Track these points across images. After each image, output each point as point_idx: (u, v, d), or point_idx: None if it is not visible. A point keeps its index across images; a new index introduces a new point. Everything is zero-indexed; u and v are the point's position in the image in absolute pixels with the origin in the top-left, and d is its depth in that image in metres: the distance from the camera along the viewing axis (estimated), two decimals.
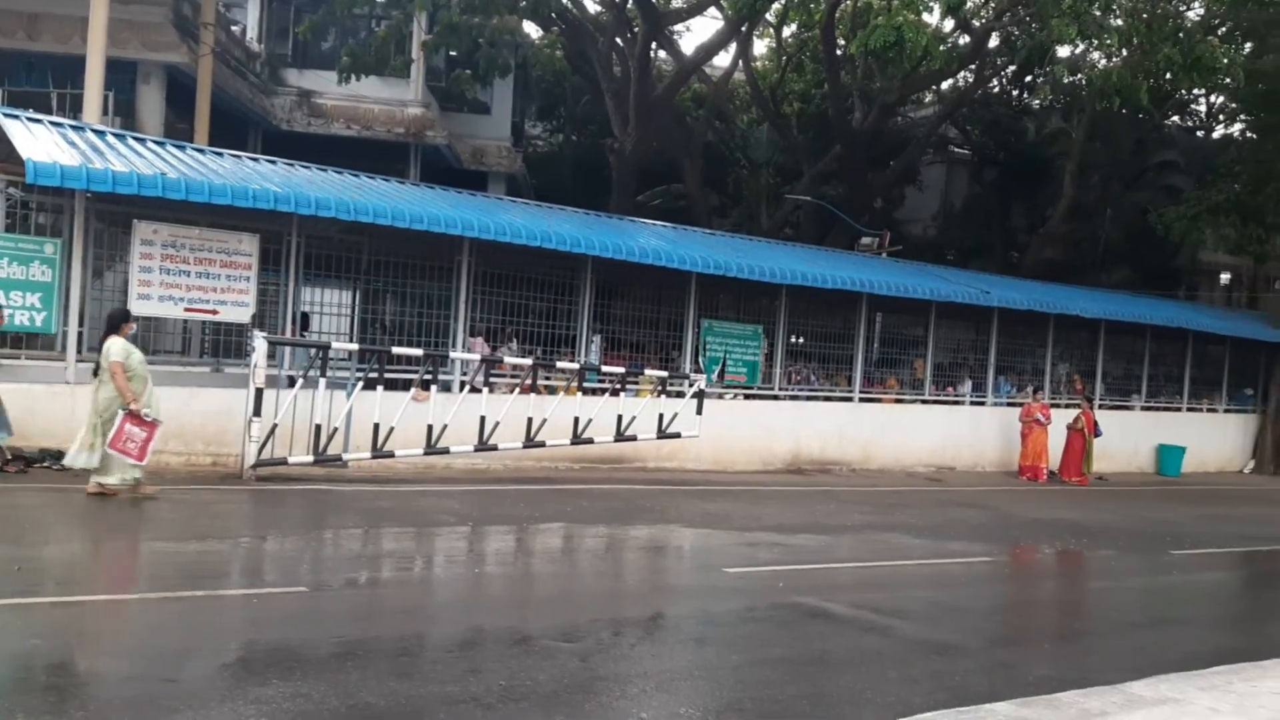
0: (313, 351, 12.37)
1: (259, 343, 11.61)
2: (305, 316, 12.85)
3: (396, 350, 12.99)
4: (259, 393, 11.49)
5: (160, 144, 13.47)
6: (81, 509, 9.47)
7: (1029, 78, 29.75)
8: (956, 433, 19.34)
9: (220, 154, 13.98)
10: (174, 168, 12.03)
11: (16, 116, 12.20)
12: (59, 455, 10.62)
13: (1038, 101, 32.04)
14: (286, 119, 23.77)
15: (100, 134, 12.90)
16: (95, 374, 9.95)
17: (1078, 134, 28.79)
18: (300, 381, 11.92)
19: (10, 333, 11.74)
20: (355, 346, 13.11)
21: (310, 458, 11.87)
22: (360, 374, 12.92)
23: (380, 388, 12.36)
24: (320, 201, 12.51)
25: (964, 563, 10.47)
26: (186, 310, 12.52)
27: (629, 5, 24.63)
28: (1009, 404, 20.16)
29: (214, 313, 12.64)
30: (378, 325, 14.86)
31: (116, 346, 9.81)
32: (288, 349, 13.05)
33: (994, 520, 13.73)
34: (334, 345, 12.57)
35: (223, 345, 13.61)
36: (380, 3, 22.06)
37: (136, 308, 12.04)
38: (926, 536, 11.81)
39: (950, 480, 17.64)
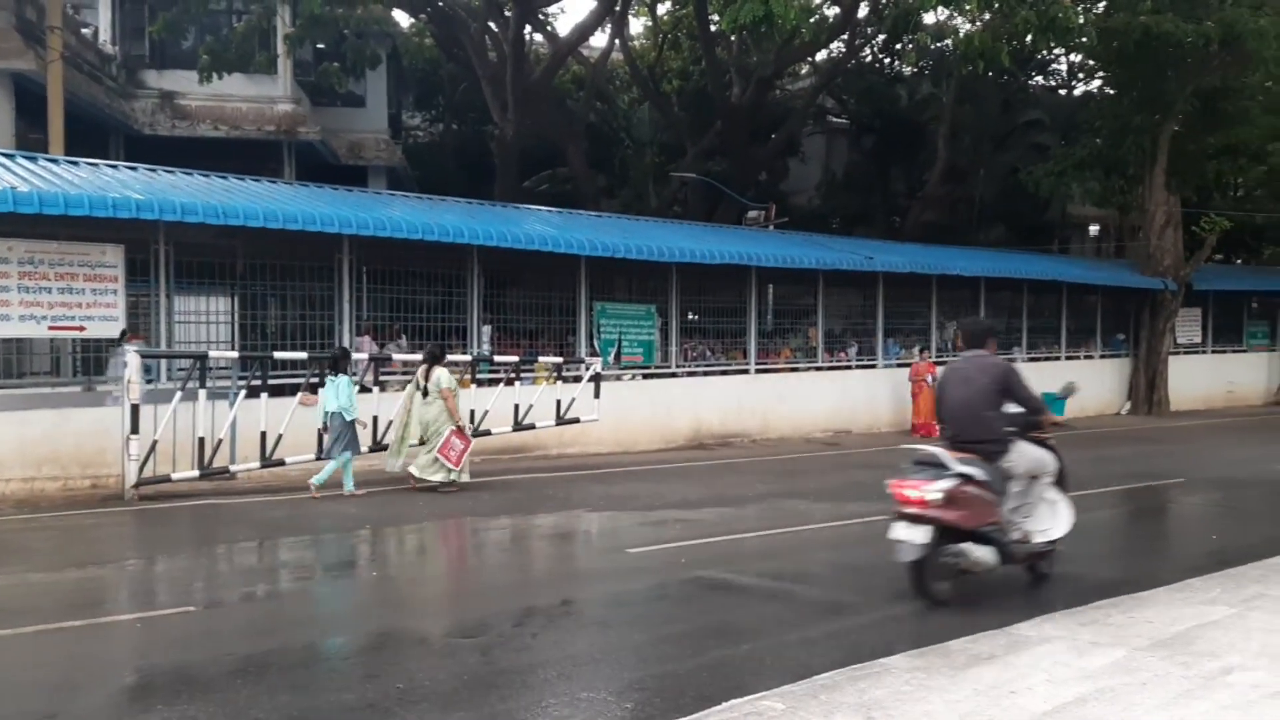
0: (190, 362, 11.94)
1: (131, 357, 11.15)
2: (124, 333, 12.17)
3: (279, 355, 12.63)
4: (135, 409, 11.05)
5: (9, 156, 12.79)
6: None
7: (898, 45, 30.45)
8: (850, 397, 19.80)
9: (76, 163, 13.34)
10: (25, 180, 11.43)
11: None
12: None
13: (908, 68, 32.84)
14: (149, 123, 22.76)
15: None
16: (425, 395, 12.17)
17: (947, 98, 29.65)
18: (179, 394, 11.49)
19: None
20: (235, 354, 12.69)
21: (195, 472, 11.48)
22: (243, 382, 12.52)
23: (265, 395, 12.01)
24: (187, 207, 12.04)
25: (863, 523, 10.71)
26: (51, 329, 11.91)
27: None
28: (899, 365, 20.71)
29: (81, 329, 12.06)
30: (259, 331, 14.42)
31: (446, 376, 12.25)
32: (163, 361, 12.57)
33: (889, 479, 14.06)
34: (212, 354, 12.15)
35: (94, 362, 13.01)
36: None
37: None
38: (826, 500, 12.07)
39: (847, 443, 18.06)
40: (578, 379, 15.26)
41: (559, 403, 14.66)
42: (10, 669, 5.94)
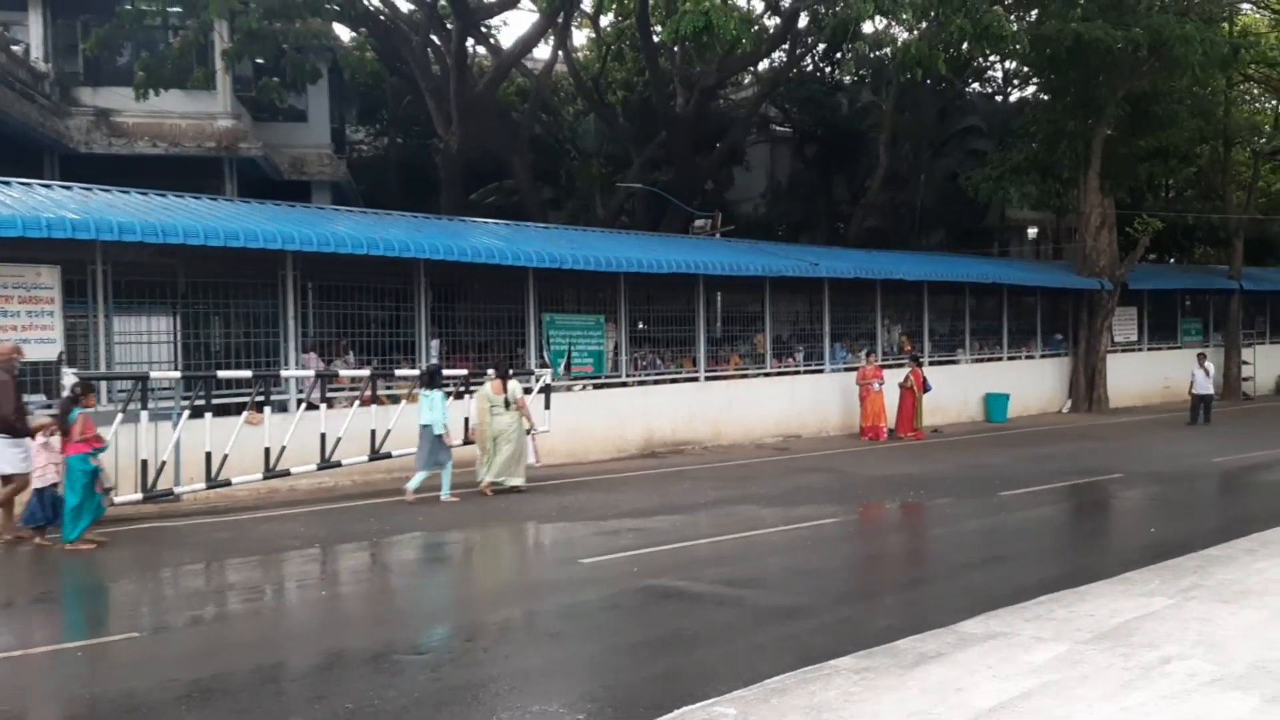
0: (131, 383, 11.72)
1: (69, 379, 10.91)
2: (61, 355, 11.90)
3: (223, 374, 12.45)
4: None
5: None
6: None
7: (838, 55, 30.87)
8: (799, 402, 19.99)
9: (8, 183, 13.02)
10: None
11: None
12: None
13: (848, 77, 33.31)
14: (84, 141, 22.28)
15: None
16: (506, 406, 12.93)
17: (887, 106, 30.10)
18: (120, 416, 11.27)
19: None
20: (177, 374, 12.49)
21: (139, 495, 11.26)
22: (186, 402, 12.32)
23: (209, 414, 11.83)
24: (124, 226, 11.82)
25: (812, 525, 10.84)
26: None
27: (440, 3, 24.24)
28: (846, 369, 20.96)
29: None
30: (202, 350, 14.19)
31: (518, 387, 13.19)
32: (104, 384, 12.31)
33: (839, 482, 14.27)
34: (153, 375, 11.94)
35: (31, 386, 12.68)
36: (173, 12, 20.92)
37: None
38: (776, 505, 12.18)
39: (797, 448, 18.23)
40: (528, 391, 15.21)
41: None
42: None
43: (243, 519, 11.32)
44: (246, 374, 12.65)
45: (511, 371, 13.75)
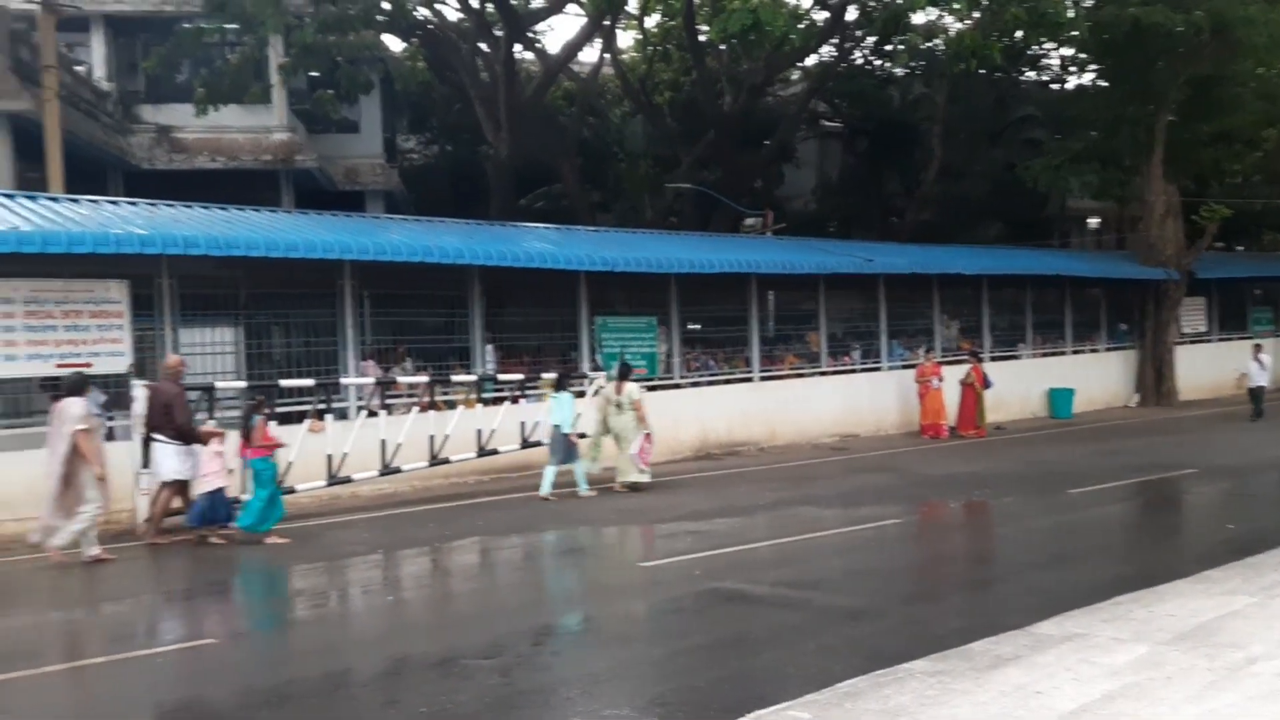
0: (198, 394, 11.94)
1: (139, 392, 11.17)
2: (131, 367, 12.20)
3: (285, 383, 12.64)
4: (145, 443, 11.04)
5: (10, 196, 12.83)
6: None
7: (888, 47, 30.51)
8: (856, 401, 19.76)
9: (77, 200, 13.37)
10: (27, 220, 11.47)
11: None
12: None
13: (899, 70, 32.90)
14: (147, 157, 22.83)
15: None
16: (619, 407, 13.46)
17: (940, 98, 29.68)
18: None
19: None
20: (242, 384, 12.70)
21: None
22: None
23: (273, 423, 12.00)
24: (189, 239, 12.07)
25: (875, 526, 10.70)
26: (59, 365, 11.88)
27: (489, 10, 24.41)
28: (904, 366, 20.69)
29: (88, 365, 12.06)
30: (264, 359, 14.42)
31: (636, 389, 13.69)
32: None
33: (900, 481, 14.08)
34: (219, 385, 12.15)
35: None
36: (231, 29, 21.34)
37: (2, 370, 11.47)
38: (837, 505, 12.05)
39: (855, 447, 18.03)
40: (581, 394, 15.25)
41: None
42: (36, 708, 5.92)
43: (309, 525, 11.46)
44: (308, 382, 12.83)
45: (627, 376, 14.05)
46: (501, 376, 14.96)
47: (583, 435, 13.81)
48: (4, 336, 11.43)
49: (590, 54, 28.55)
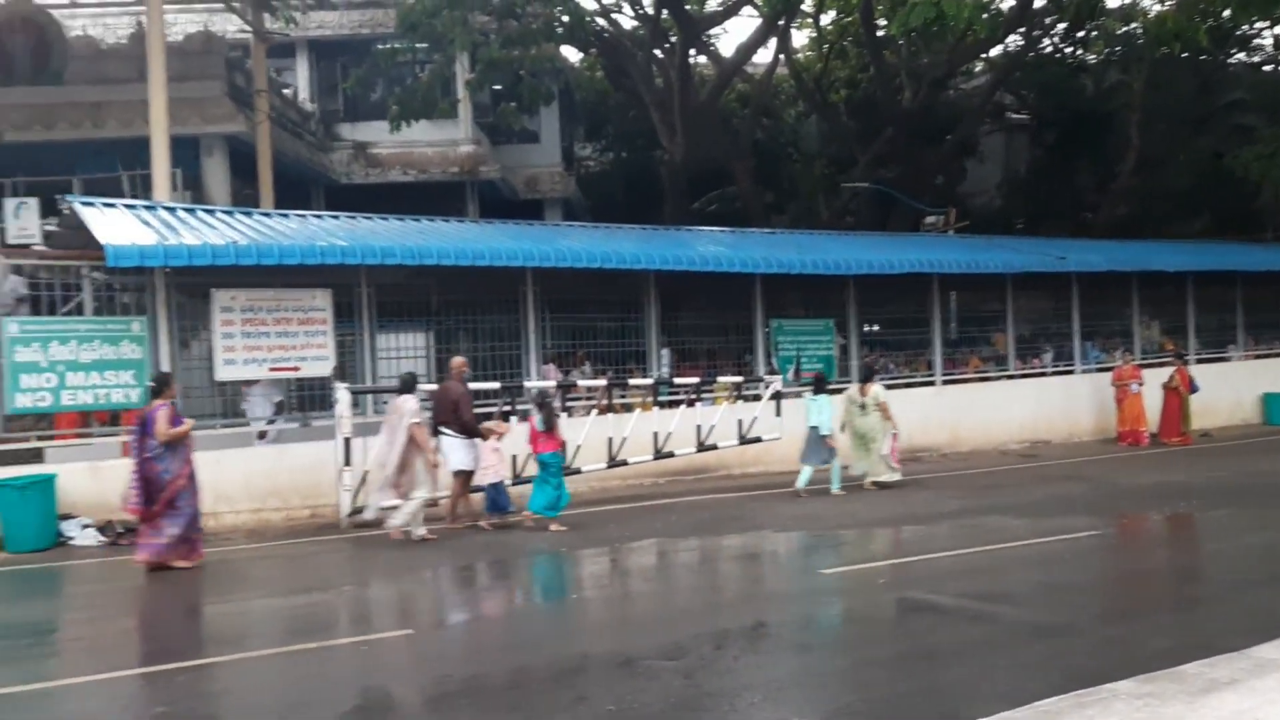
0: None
1: (341, 394, 11.90)
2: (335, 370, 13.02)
3: (473, 385, 13.15)
4: (347, 442, 11.77)
5: (229, 213, 13.92)
6: (185, 574, 9.76)
7: (1080, 34, 28.97)
8: (1047, 405, 18.84)
9: (286, 215, 14.39)
10: (244, 234, 12.42)
11: (92, 203, 12.74)
12: None
13: (1092, 57, 31.17)
14: (345, 172, 24.38)
15: (171, 210, 13.37)
16: (862, 409, 13.66)
17: (1138, 84, 27.95)
18: (384, 427, 12.12)
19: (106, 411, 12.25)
20: (434, 387, 13.31)
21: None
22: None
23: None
24: (386, 250, 12.80)
25: (1068, 539, 10.17)
26: (271, 370, 12.89)
27: (664, 16, 24.70)
28: (1099, 369, 19.60)
29: (296, 369, 12.99)
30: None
31: (881, 390, 13.93)
32: (369, 396, 13.35)
33: (1095, 491, 13.34)
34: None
35: (307, 400, 13.94)
36: (421, 48, 22.47)
37: (222, 373, 12.47)
38: (1026, 515, 11.53)
39: (1046, 454, 17.20)
40: (757, 398, 15.21)
41: (740, 422, 14.64)
42: (246, 690, 6.40)
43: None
44: (494, 385, 13.33)
45: (873, 378, 14.27)
46: (677, 380, 15.10)
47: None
48: (224, 343, 12.44)
49: (764, 55, 28.45)
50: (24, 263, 12.85)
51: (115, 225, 11.91)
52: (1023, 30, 25.99)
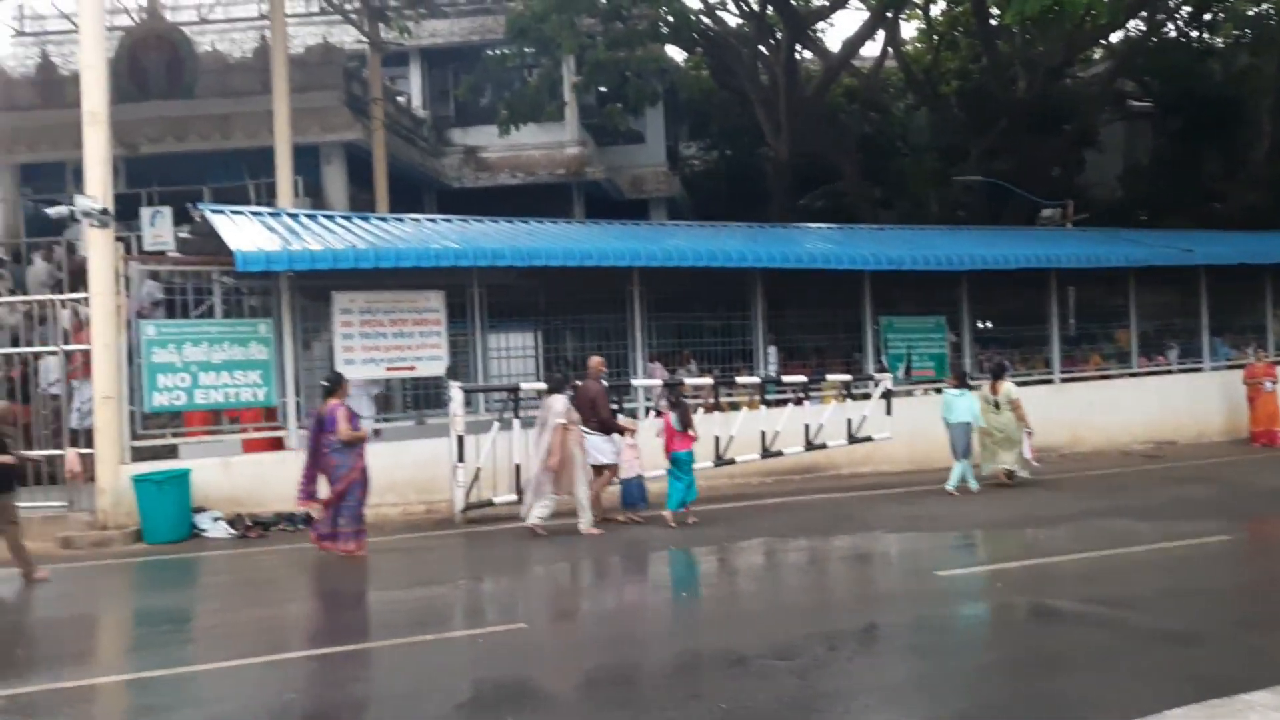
0: (505, 394, 12.89)
1: (455, 392, 12.21)
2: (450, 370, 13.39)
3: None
4: (460, 439, 12.08)
5: (347, 218, 14.42)
6: (310, 567, 10.17)
7: (1208, 16, 27.62)
8: (1173, 404, 18.06)
9: (401, 219, 14.83)
10: (362, 239, 12.86)
11: (221, 211, 13.36)
12: (291, 518, 11.85)
13: (1221, 40, 29.68)
14: (456, 177, 24.98)
15: (294, 216, 13.93)
16: (996, 407, 13.60)
17: (1271, 67, 26.53)
18: (497, 424, 12.43)
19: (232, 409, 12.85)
20: (543, 385, 13.53)
21: (514, 496, 12.33)
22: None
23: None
24: (496, 252, 13.08)
25: (1197, 544, 9.76)
26: (388, 369, 13.32)
27: (769, 12, 24.54)
28: (1229, 367, 18.70)
29: (412, 369, 13.39)
30: (560, 362, 15.32)
31: (1012, 388, 13.84)
32: (481, 395, 13.66)
33: (1226, 494, 12.75)
34: (523, 386, 13.04)
35: (422, 398, 14.36)
36: (529, 52, 22.86)
37: (342, 372, 12.92)
38: (1152, 519, 11.10)
39: (1172, 455, 16.49)
40: (866, 396, 15.00)
41: (849, 421, 14.46)
42: (367, 680, 6.64)
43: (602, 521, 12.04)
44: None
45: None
46: (785, 379, 15.01)
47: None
48: (344, 343, 12.90)
49: (872, 48, 27.99)
50: (159, 268, 13.59)
51: (243, 232, 12.46)
52: (1145, 14, 24.94)
